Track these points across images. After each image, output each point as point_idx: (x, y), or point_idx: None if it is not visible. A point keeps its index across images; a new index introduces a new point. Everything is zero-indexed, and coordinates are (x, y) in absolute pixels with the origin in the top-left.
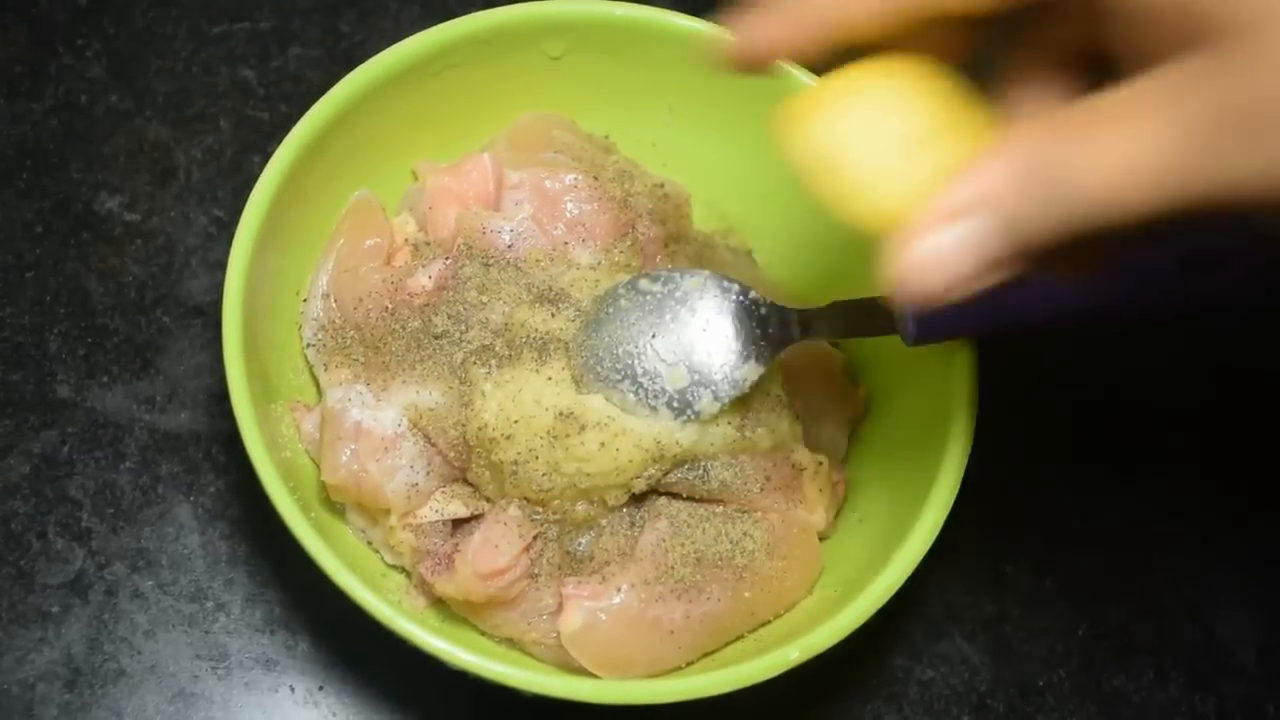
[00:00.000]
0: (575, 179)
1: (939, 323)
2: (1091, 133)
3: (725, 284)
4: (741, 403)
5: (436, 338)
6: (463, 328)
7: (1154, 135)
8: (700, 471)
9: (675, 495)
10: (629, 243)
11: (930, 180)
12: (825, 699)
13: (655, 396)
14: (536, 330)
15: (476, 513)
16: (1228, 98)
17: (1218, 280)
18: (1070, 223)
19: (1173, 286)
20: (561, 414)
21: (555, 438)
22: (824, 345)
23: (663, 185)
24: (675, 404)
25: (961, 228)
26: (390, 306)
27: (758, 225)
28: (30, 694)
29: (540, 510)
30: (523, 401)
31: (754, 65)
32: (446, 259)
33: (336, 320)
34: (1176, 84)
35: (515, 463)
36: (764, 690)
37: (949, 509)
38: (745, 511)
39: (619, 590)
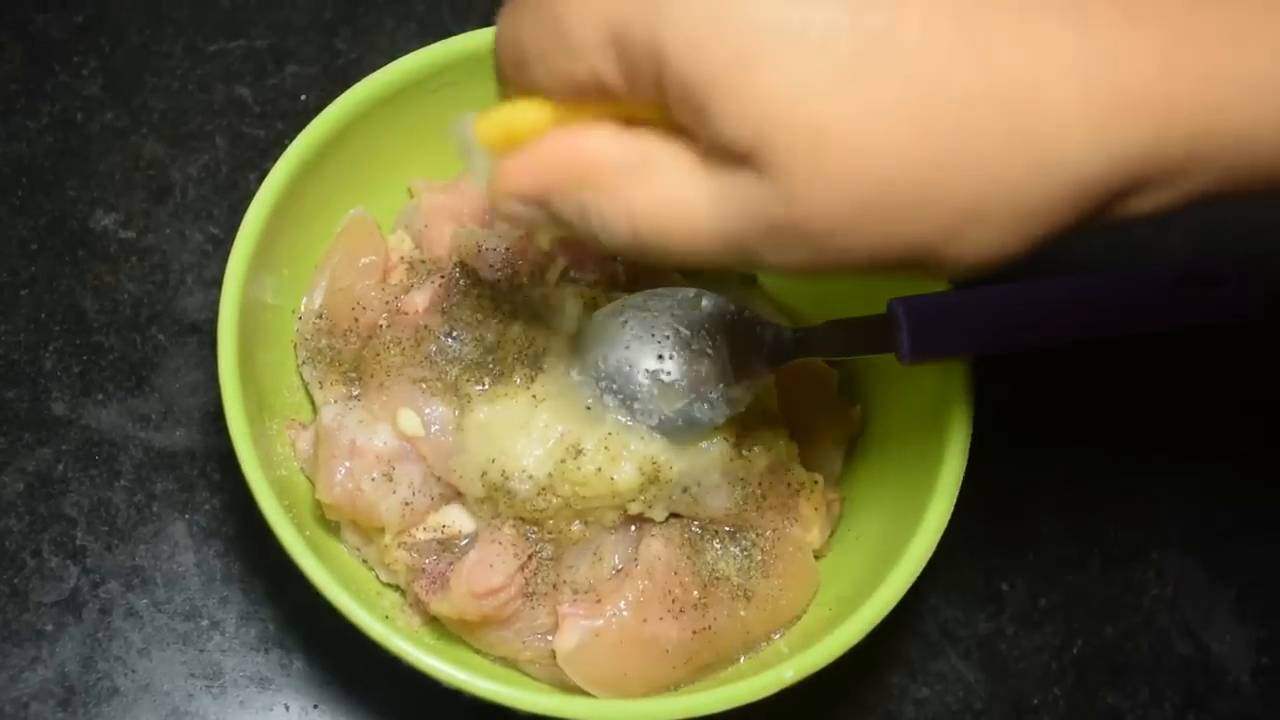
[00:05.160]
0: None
1: (934, 341)
2: (651, 186)
3: (721, 302)
4: (737, 421)
5: (431, 356)
6: (457, 345)
7: (694, 216)
8: (696, 490)
9: (671, 514)
10: (624, 262)
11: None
12: (821, 717)
13: (651, 416)
14: (531, 349)
15: (471, 531)
16: (756, 210)
17: (1214, 298)
18: (614, 244)
19: (1169, 305)
20: (557, 435)
21: (550, 459)
22: (820, 364)
23: None
24: (671, 424)
25: (524, 212)
26: (385, 324)
27: None
28: (24, 713)
29: (535, 529)
30: (516, 420)
31: None
32: (441, 277)
33: (331, 338)
34: (719, 181)
35: (509, 482)
36: (760, 709)
37: (944, 527)
38: (741, 530)
39: (615, 609)
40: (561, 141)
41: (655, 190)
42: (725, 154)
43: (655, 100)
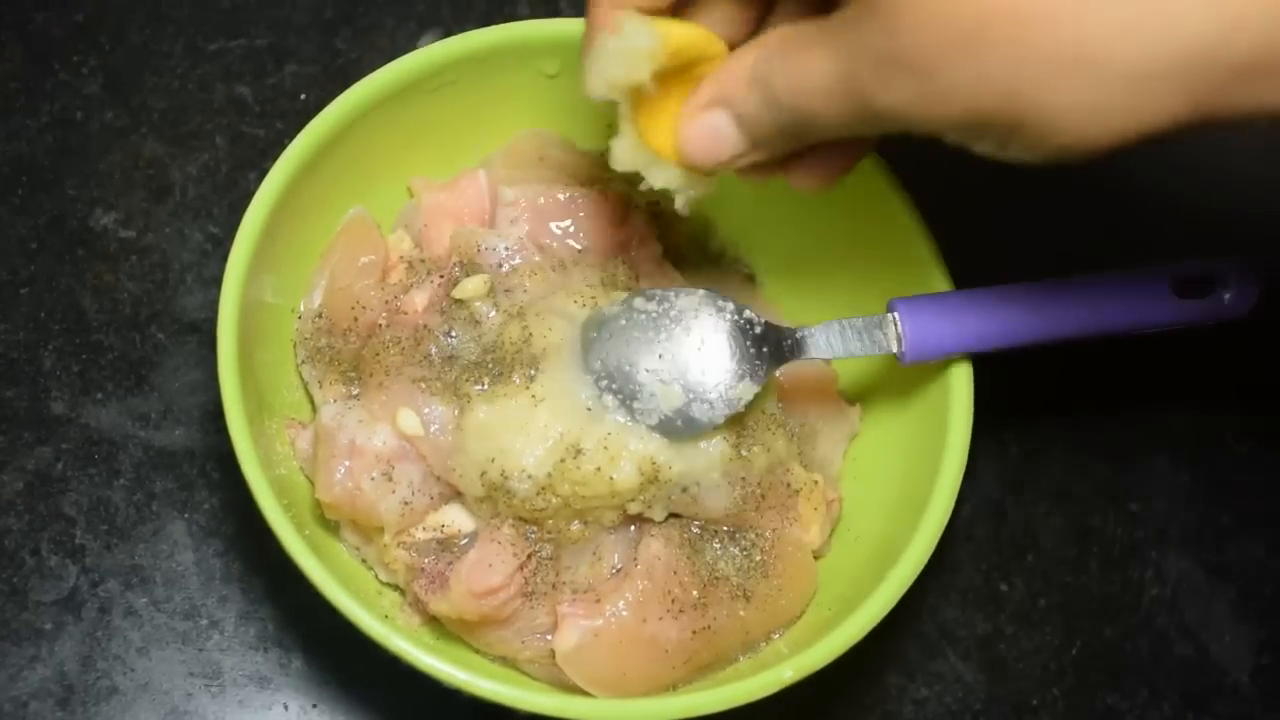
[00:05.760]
0: (571, 197)
1: (934, 341)
2: (793, 54)
3: (721, 302)
4: (737, 421)
5: (430, 355)
6: (456, 345)
7: (822, 67)
8: (696, 490)
9: (671, 514)
10: (624, 261)
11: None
12: (820, 717)
13: (650, 416)
14: (531, 349)
15: (471, 531)
16: (866, 46)
17: (1214, 298)
18: (781, 123)
19: (1168, 305)
20: (557, 435)
21: (549, 459)
22: (819, 364)
23: (659, 203)
24: (671, 424)
25: (709, 119)
26: (385, 324)
27: (755, 244)
28: (23, 712)
29: (535, 529)
30: (516, 420)
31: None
32: (441, 276)
33: (331, 337)
34: (838, 28)
35: (509, 482)
36: (759, 709)
37: (943, 527)
38: (740, 530)
39: (614, 609)
40: (736, 53)
41: (800, 54)
42: (844, 8)
43: None
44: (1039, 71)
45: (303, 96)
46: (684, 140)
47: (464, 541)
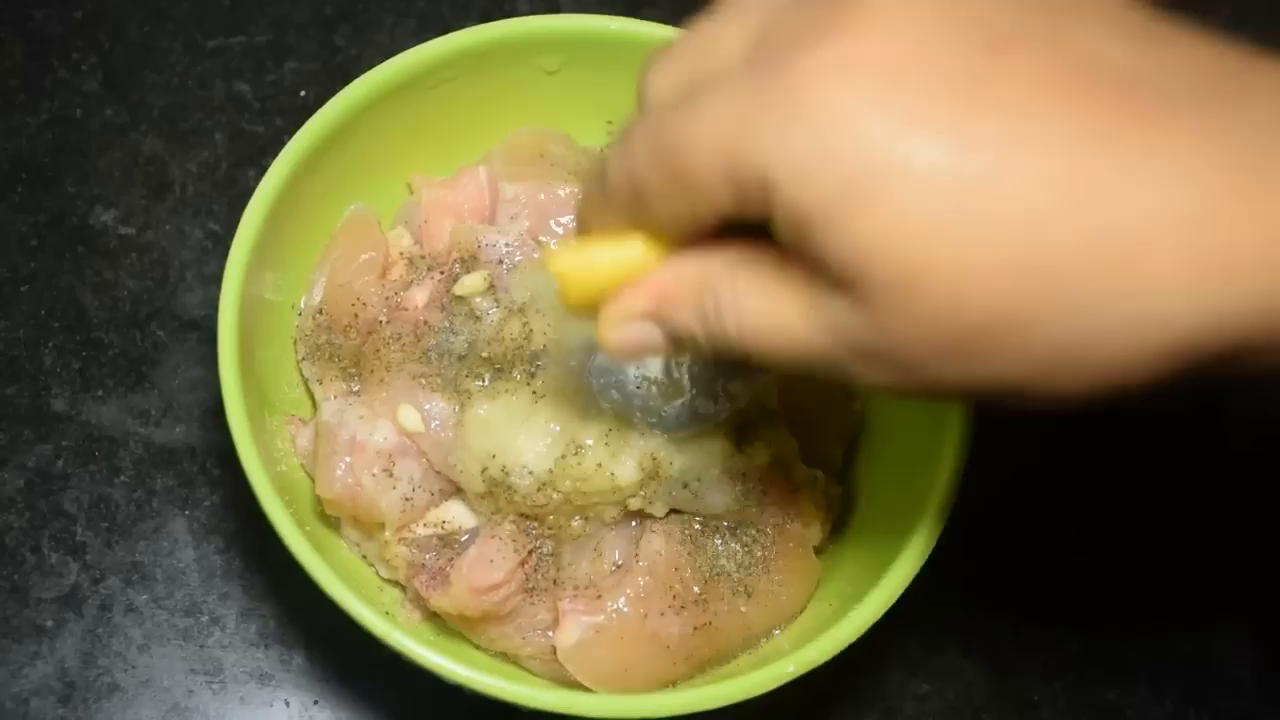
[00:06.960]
0: (571, 193)
1: None
2: (754, 295)
3: None
4: (738, 417)
5: (430, 352)
6: (457, 341)
7: (790, 324)
8: (697, 486)
9: (672, 510)
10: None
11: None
12: (821, 713)
13: (651, 412)
14: (531, 345)
15: (472, 527)
16: (849, 335)
17: None
18: (724, 351)
19: None
20: (558, 431)
21: (550, 455)
22: None
23: None
24: (671, 420)
25: (639, 328)
26: (385, 320)
27: None
28: (24, 708)
29: (536, 525)
30: (516, 417)
31: None
32: (441, 273)
33: (331, 334)
34: (815, 301)
35: (509, 478)
36: (760, 704)
37: (945, 523)
38: (742, 526)
39: (615, 605)
40: (684, 260)
41: (762, 301)
42: (825, 278)
43: (762, 220)
44: (1031, 371)
45: (302, 93)
46: (609, 340)
47: (465, 538)
